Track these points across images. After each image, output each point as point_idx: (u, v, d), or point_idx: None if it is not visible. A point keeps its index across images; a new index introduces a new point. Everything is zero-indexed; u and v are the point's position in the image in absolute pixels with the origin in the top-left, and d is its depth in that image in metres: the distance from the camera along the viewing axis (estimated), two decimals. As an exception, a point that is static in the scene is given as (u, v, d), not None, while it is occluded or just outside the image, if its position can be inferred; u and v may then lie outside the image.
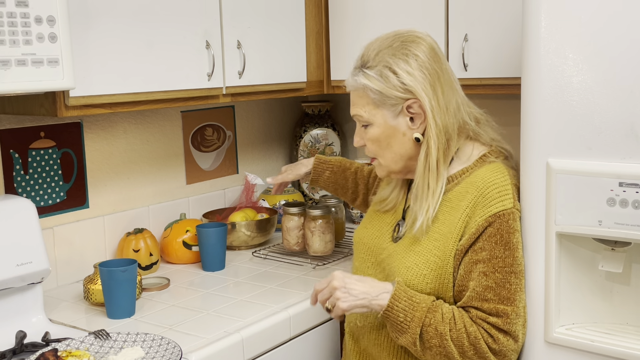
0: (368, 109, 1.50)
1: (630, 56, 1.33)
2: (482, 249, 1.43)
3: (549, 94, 1.43)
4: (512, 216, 1.43)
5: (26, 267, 1.65)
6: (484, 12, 2.03)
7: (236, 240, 2.30)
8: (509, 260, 1.42)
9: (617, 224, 1.38)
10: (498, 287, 1.42)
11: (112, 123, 2.14)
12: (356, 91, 1.51)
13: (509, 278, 1.42)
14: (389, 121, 1.49)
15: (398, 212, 1.62)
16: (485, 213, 1.43)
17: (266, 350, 1.70)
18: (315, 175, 2.00)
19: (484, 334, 1.41)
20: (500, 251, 1.42)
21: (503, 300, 1.42)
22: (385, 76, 1.46)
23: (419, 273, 1.47)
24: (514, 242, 1.43)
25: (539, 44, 1.43)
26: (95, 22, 1.66)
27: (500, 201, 1.44)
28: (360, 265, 1.64)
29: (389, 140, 1.51)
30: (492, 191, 1.45)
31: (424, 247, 1.49)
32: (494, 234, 1.42)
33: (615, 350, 1.40)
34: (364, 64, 1.50)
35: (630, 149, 1.35)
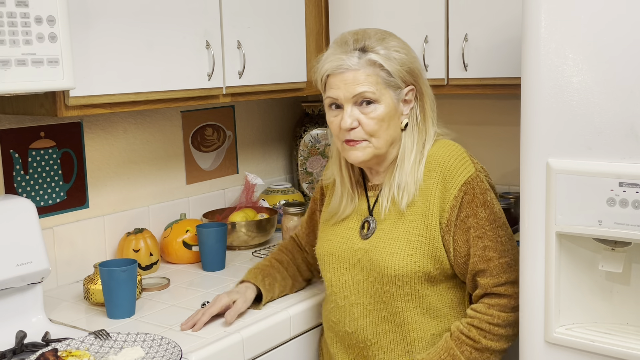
0: (378, 87, 1.54)
1: (631, 56, 1.33)
2: (467, 216, 1.55)
3: (549, 94, 1.43)
4: (478, 178, 1.57)
5: (26, 267, 1.65)
6: (484, 12, 2.03)
7: (236, 240, 2.30)
8: (492, 217, 1.56)
9: (617, 224, 1.37)
10: (494, 243, 1.55)
11: (112, 123, 2.14)
12: (363, 70, 1.53)
13: (498, 232, 1.56)
14: (395, 103, 1.57)
15: (360, 213, 1.66)
16: (457, 184, 1.55)
17: (266, 350, 1.70)
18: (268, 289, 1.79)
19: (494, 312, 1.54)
20: (481, 212, 1.55)
21: (502, 254, 1.55)
22: (397, 58, 1.55)
23: (405, 255, 1.55)
24: (489, 200, 1.57)
25: (539, 44, 1.43)
26: (95, 22, 1.66)
27: (464, 169, 1.57)
28: (333, 275, 1.66)
29: (390, 122, 1.57)
30: (454, 163, 1.57)
31: (403, 231, 1.57)
32: (472, 200, 1.55)
33: (615, 350, 1.40)
34: (369, 46, 1.54)
35: (630, 149, 1.35)
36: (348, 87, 1.54)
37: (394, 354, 1.59)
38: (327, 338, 1.71)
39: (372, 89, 1.53)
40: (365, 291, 1.60)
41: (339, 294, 1.65)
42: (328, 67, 1.56)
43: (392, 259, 1.55)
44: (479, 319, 1.54)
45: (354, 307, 1.62)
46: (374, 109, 1.54)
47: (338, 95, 1.55)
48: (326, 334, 1.72)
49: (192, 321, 1.65)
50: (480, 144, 2.46)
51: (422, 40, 2.14)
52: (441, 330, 1.60)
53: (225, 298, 1.70)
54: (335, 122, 1.58)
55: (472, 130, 2.50)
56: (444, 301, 1.60)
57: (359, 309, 1.61)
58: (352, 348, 1.64)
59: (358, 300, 1.62)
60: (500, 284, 1.55)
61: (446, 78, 2.14)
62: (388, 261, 1.56)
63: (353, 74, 1.54)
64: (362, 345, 1.62)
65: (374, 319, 1.60)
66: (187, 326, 1.64)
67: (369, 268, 1.59)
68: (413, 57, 1.61)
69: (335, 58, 1.55)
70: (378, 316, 1.59)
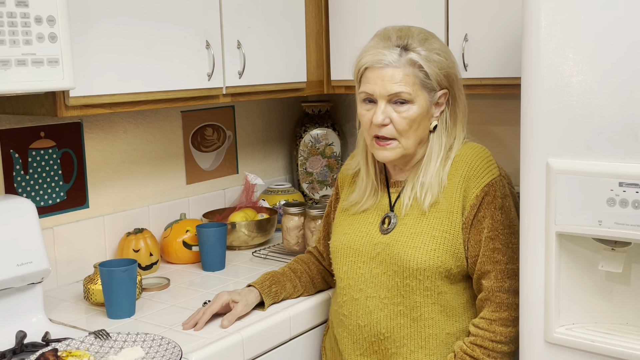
0: (414, 88, 1.55)
1: (631, 56, 1.33)
2: (484, 217, 1.57)
3: (549, 94, 1.43)
4: (501, 182, 1.60)
5: (26, 267, 1.65)
6: (484, 12, 2.03)
7: (236, 240, 2.30)
8: (507, 222, 1.58)
9: (617, 224, 1.37)
10: (504, 247, 1.56)
11: (112, 123, 2.14)
12: (402, 68, 1.54)
13: (510, 238, 1.58)
14: (428, 105, 1.58)
15: (380, 208, 1.67)
16: (480, 184, 1.58)
17: (266, 350, 1.70)
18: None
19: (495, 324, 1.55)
20: (498, 215, 1.57)
21: (510, 260, 1.56)
22: (437, 61, 1.57)
23: (428, 249, 1.56)
24: (507, 206, 1.59)
25: (539, 44, 1.43)
26: (95, 22, 1.66)
27: (489, 171, 1.59)
28: (350, 268, 1.66)
29: (421, 122, 1.59)
30: (479, 164, 1.60)
31: (426, 227, 1.59)
32: (491, 202, 1.57)
33: (615, 350, 1.40)
34: (411, 45, 1.55)
35: (630, 149, 1.35)
36: (385, 84, 1.55)
37: (406, 348, 1.60)
38: (336, 334, 1.70)
39: (409, 90, 1.54)
40: (383, 284, 1.61)
41: (354, 287, 1.65)
42: (368, 60, 1.56)
43: (415, 252, 1.57)
44: (481, 337, 1.55)
45: (369, 300, 1.62)
46: (407, 109, 1.56)
47: (374, 90, 1.56)
48: (335, 330, 1.71)
49: (194, 320, 1.65)
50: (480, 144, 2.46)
51: (422, 40, 2.14)
52: (456, 330, 1.60)
53: (226, 296, 1.70)
54: (367, 116, 1.59)
55: (472, 130, 2.49)
56: (460, 301, 1.61)
57: (375, 302, 1.62)
58: (362, 342, 1.64)
59: (374, 293, 1.62)
60: (503, 289, 1.55)
61: (446, 78, 2.14)
62: (410, 255, 1.57)
63: (392, 71, 1.54)
64: (374, 340, 1.62)
65: (389, 313, 1.60)
66: (189, 325, 1.64)
67: (389, 261, 1.60)
68: (452, 61, 1.62)
69: (376, 52, 1.55)
70: (394, 310, 1.60)
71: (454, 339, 1.60)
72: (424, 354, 1.59)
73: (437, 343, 1.59)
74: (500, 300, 1.55)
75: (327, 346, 1.79)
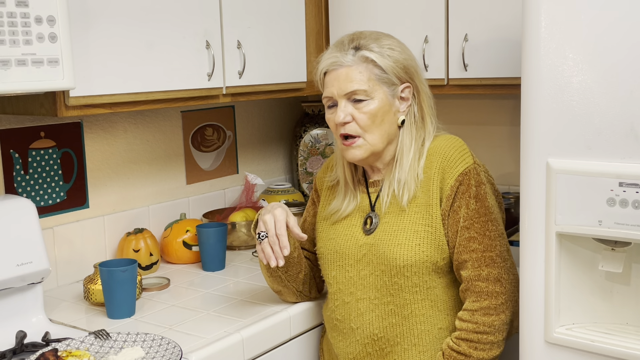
0: (371, 84, 1.57)
1: (631, 56, 1.33)
2: (459, 206, 1.57)
3: (549, 94, 1.43)
4: (475, 171, 1.59)
5: (26, 267, 1.65)
6: (484, 12, 2.03)
7: (236, 240, 2.30)
8: (482, 210, 1.57)
9: (617, 224, 1.37)
10: (480, 235, 1.56)
11: (112, 123, 2.14)
12: (356, 67, 1.57)
13: (487, 226, 1.57)
14: (389, 98, 1.59)
15: (362, 210, 1.68)
16: (454, 174, 1.58)
17: (266, 350, 1.70)
18: None
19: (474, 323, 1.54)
20: (472, 204, 1.57)
21: (487, 248, 1.56)
22: (391, 56, 1.58)
23: (412, 245, 1.57)
24: (482, 193, 1.58)
25: (539, 44, 1.43)
26: (95, 22, 1.66)
27: (463, 160, 1.59)
28: (338, 273, 1.67)
29: (384, 117, 1.59)
30: (453, 154, 1.60)
31: (408, 223, 1.60)
32: (465, 191, 1.57)
33: (615, 350, 1.40)
34: (363, 44, 1.58)
35: (630, 149, 1.35)
36: (341, 84, 1.58)
37: (400, 347, 1.60)
38: (331, 338, 1.71)
39: (364, 87, 1.56)
40: (372, 285, 1.61)
41: (344, 291, 1.65)
42: (324, 64, 1.62)
43: (400, 249, 1.57)
44: (465, 330, 1.54)
45: (359, 303, 1.62)
46: (366, 104, 1.57)
47: (332, 92, 1.60)
48: (330, 335, 1.72)
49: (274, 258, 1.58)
50: (480, 144, 2.46)
51: (422, 40, 2.15)
52: (448, 324, 1.61)
53: (283, 211, 1.61)
54: (332, 118, 1.62)
55: (472, 130, 2.50)
56: (450, 294, 1.62)
57: (365, 303, 1.62)
58: (356, 345, 1.64)
59: (364, 295, 1.62)
60: (481, 277, 1.55)
61: (446, 78, 2.14)
62: (396, 252, 1.58)
63: (346, 71, 1.57)
64: (368, 341, 1.62)
65: (380, 313, 1.60)
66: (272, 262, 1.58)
67: (375, 262, 1.61)
68: (408, 55, 1.63)
69: (330, 56, 1.61)
70: (385, 310, 1.60)
71: (447, 333, 1.61)
72: (418, 350, 1.60)
73: (430, 339, 1.60)
74: (479, 290, 1.55)
75: (325, 348, 1.79)
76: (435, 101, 1.69)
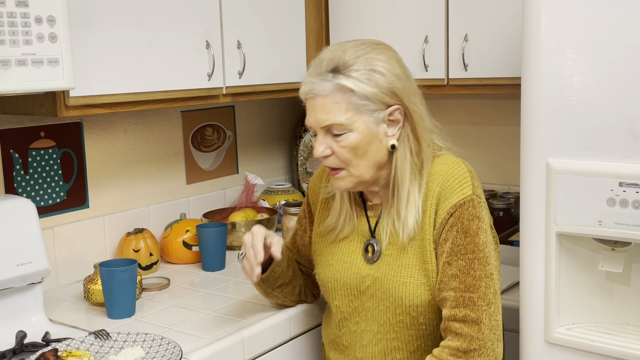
0: (349, 115, 1.41)
1: (631, 56, 1.33)
2: (445, 239, 1.44)
3: (549, 94, 1.43)
4: (471, 203, 1.43)
5: (26, 267, 1.65)
6: (484, 12, 2.03)
7: (236, 240, 2.30)
8: (471, 247, 1.42)
9: (617, 224, 1.38)
10: (462, 273, 1.41)
11: (112, 123, 2.14)
12: (331, 96, 1.42)
13: (472, 264, 1.41)
14: (371, 127, 1.43)
15: (361, 234, 1.56)
16: (448, 205, 1.44)
17: (266, 350, 1.69)
18: None
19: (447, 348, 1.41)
20: (460, 239, 1.42)
21: (468, 288, 1.41)
22: (373, 79, 1.41)
23: (418, 283, 1.46)
24: (474, 229, 1.42)
25: (539, 44, 1.43)
26: (95, 22, 1.66)
27: (460, 190, 1.44)
28: (342, 302, 1.57)
29: (367, 148, 1.44)
30: (452, 182, 1.45)
31: (413, 258, 1.48)
32: (455, 223, 1.43)
33: (615, 350, 1.40)
34: (342, 66, 1.41)
35: (630, 149, 1.35)
36: (317, 116, 1.44)
37: None
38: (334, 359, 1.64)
39: (341, 119, 1.41)
40: (375, 319, 1.53)
41: (350, 319, 1.57)
42: (302, 90, 1.48)
43: (406, 289, 1.47)
44: None
45: (364, 334, 1.55)
46: (345, 138, 1.42)
47: (310, 122, 1.47)
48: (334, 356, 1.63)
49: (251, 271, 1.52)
50: (480, 144, 2.46)
51: (422, 40, 2.15)
52: None
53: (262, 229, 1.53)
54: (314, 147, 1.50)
55: (472, 130, 2.50)
56: None
57: (369, 336, 1.54)
58: None
59: (368, 327, 1.54)
60: (457, 318, 1.41)
61: (446, 78, 2.14)
62: (402, 291, 1.47)
63: (322, 101, 1.43)
64: None
65: (384, 348, 1.52)
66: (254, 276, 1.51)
67: (380, 296, 1.51)
68: (396, 75, 1.43)
69: (308, 81, 1.46)
70: (388, 346, 1.52)
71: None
72: None
73: None
74: (453, 329, 1.41)
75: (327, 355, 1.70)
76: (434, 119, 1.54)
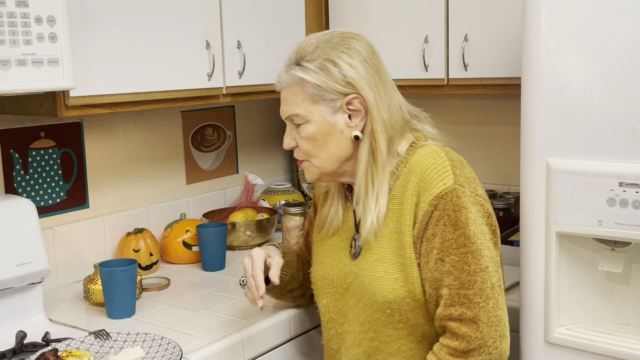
0: (304, 105, 1.41)
1: (630, 56, 1.33)
2: (433, 234, 1.36)
3: (549, 94, 1.43)
4: (454, 193, 1.35)
5: (26, 267, 1.65)
6: (484, 12, 2.03)
7: (236, 240, 2.30)
8: (462, 240, 1.34)
9: (617, 224, 1.38)
10: (455, 270, 1.34)
11: (112, 123, 2.14)
12: (290, 88, 1.43)
13: (465, 259, 1.33)
14: (327, 118, 1.41)
15: (348, 228, 1.53)
16: (429, 197, 1.36)
17: (266, 350, 1.70)
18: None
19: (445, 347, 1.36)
20: (450, 232, 1.34)
21: (463, 284, 1.33)
22: (326, 69, 1.39)
23: (391, 279, 1.40)
24: (463, 220, 1.34)
25: (539, 44, 1.43)
26: (95, 22, 1.66)
27: (441, 181, 1.36)
28: (329, 301, 1.54)
29: (326, 139, 1.42)
30: (431, 173, 1.38)
31: (385, 251, 1.42)
32: (441, 217, 1.35)
33: (615, 350, 1.40)
34: (301, 58, 1.42)
35: (630, 149, 1.35)
36: (282, 107, 1.46)
37: None
38: None
39: (298, 110, 1.41)
40: (357, 318, 1.47)
41: (336, 320, 1.53)
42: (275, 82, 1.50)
43: (379, 284, 1.41)
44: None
45: (348, 335, 1.50)
46: (303, 128, 1.42)
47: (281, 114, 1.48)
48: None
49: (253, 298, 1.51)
50: (480, 144, 2.46)
51: (422, 40, 2.15)
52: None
53: (262, 252, 1.54)
54: None
55: (472, 130, 2.50)
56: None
57: (352, 337, 1.49)
58: None
59: (350, 327, 1.49)
60: (453, 317, 1.34)
61: (446, 78, 2.14)
62: (375, 287, 1.41)
63: (284, 93, 1.45)
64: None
65: (366, 349, 1.46)
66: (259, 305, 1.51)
67: (359, 294, 1.46)
68: (351, 64, 1.39)
69: (279, 73, 1.48)
70: (370, 346, 1.46)
71: None
72: None
73: None
74: (451, 329, 1.35)
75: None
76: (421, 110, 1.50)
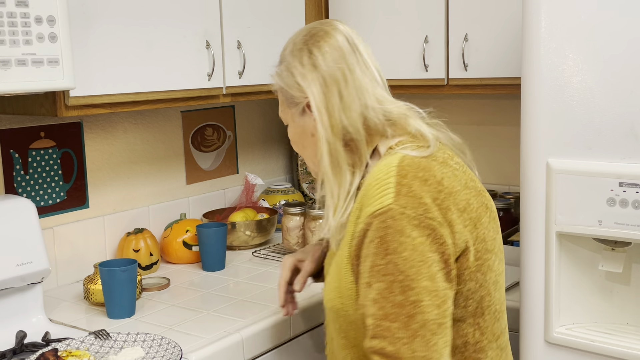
0: (282, 108, 1.42)
1: (630, 56, 1.33)
2: (366, 256, 1.20)
3: (549, 94, 1.43)
4: (389, 214, 1.17)
5: (26, 267, 1.65)
6: (484, 12, 2.03)
7: (236, 240, 2.30)
8: (390, 268, 1.17)
9: (617, 224, 1.38)
10: (382, 298, 1.17)
11: (112, 123, 2.14)
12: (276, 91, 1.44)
13: (391, 288, 1.16)
14: (297, 121, 1.39)
15: None
16: (366, 213, 1.21)
17: (266, 350, 1.70)
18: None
19: None
20: (380, 258, 1.18)
21: (387, 316, 1.16)
22: (285, 75, 1.37)
23: (329, 287, 1.32)
24: (394, 246, 1.17)
25: (539, 44, 1.43)
26: (95, 22, 1.66)
27: (379, 198, 1.20)
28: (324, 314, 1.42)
29: (302, 141, 1.41)
30: (373, 188, 1.22)
31: (337, 259, 1.31)
32: (373, 239, 1.19)
33: (615, 350, 1.40)
34: (279, 61, 1.42)
35: (630, 149, 1.35)
36: None
37: None
38: None
39: (280, 112, 1.44)
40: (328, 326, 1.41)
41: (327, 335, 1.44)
42: None
43: (325, 289, 1.34)
44: None
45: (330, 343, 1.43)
46: (288, 130, 1.44)
47: None
48: None
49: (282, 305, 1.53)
50: (480, 144, 2.46)
51: (422, 40, 2.15)
52: None
53: (291, 259, 1.53)
54: None
55: (472, 130, 2.50)
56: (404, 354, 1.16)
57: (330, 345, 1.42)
58: None
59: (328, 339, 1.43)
60: (374, 350, 1.17)
61: (446, 78, 2.14)
62: (324, 290, 1.35)
63: None
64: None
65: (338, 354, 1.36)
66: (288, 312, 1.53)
67: None
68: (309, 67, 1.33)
69: None
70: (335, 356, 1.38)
71: None
72: None
73: None
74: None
75: None
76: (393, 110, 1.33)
